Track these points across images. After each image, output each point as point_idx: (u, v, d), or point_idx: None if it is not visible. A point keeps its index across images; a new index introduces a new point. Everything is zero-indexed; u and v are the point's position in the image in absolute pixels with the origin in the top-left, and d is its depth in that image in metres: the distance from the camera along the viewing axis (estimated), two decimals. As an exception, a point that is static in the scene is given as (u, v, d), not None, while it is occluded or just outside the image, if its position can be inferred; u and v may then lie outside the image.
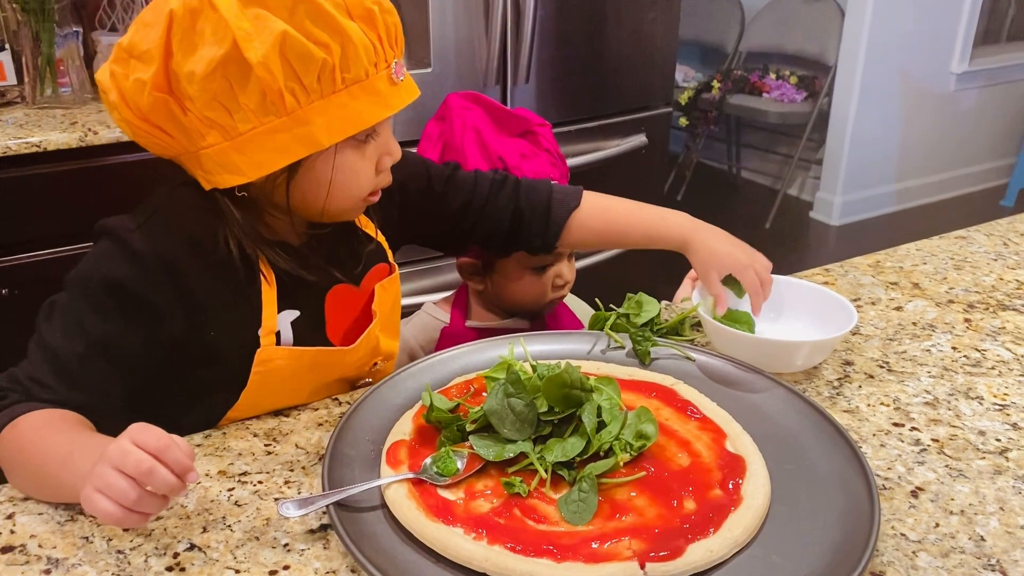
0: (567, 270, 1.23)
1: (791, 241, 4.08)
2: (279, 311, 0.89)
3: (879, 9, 3.83)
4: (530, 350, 0.94)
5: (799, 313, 1.03)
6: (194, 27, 0.77)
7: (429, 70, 1.94)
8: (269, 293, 0.88)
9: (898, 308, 1.12)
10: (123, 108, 0.82)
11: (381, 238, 1.04)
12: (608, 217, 1.12)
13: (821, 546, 0.69)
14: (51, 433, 0.77)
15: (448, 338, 1.23)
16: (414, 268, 2.08)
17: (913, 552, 0.69)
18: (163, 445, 0.65)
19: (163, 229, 0.85)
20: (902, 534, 0.71)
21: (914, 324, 1.07)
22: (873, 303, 1.13)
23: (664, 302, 1.10)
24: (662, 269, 2.87)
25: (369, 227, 1.02)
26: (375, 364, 1.03)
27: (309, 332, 0.93)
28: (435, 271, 2.10)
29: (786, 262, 3.83)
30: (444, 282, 2.12)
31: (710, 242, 1.05)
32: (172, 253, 0.84)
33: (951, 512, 0.74)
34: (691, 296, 1.05)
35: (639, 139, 2.29)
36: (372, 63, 0.81)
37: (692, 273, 1.16)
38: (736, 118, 4.51)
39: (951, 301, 1.13)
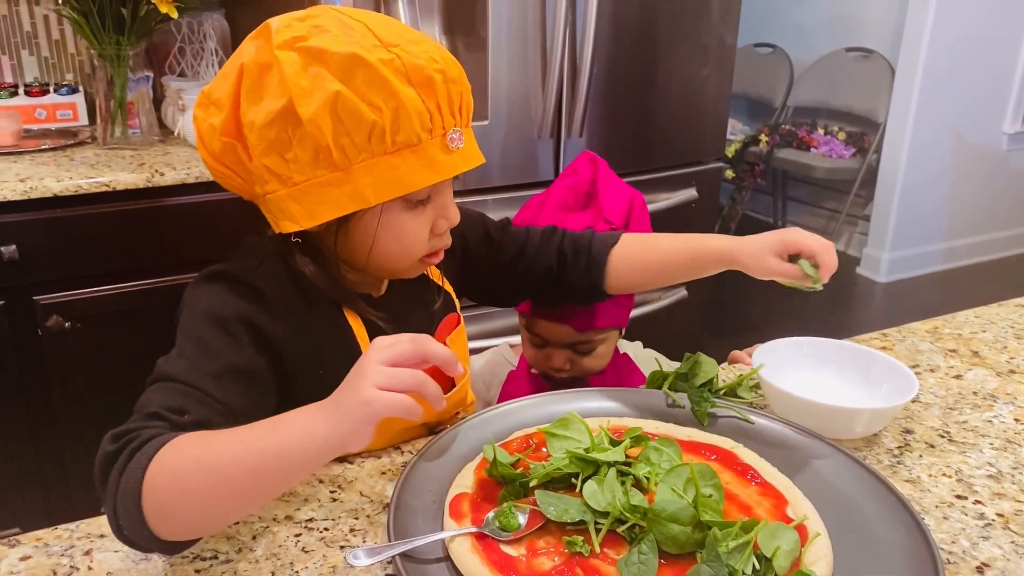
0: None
1: (838, 297, 4.04)
2: None
3: (930, 68, 3.84)
4: (592, 406, 0.95)
5: (858, 379, 1.03)
6: (261, 80, 0.83)
7: (487, 122, 1.98)
8: (360, 332, 0.93)
9: (958, 376, 1.11)
10: (202, 148, 0.88)
11: (449, 288, 1.07)
12: (648, 245, 1.13)
13: (886, 620, 0.69)
14: (227, 434, 0.72)
15: (513, 382, 1.25)
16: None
17: (980, 631, 0.69)
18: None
19: (276, 272, 0.90)
20: (968, 611, 0.71)
21: (975, 394, 1.07)
22: (932, 370, 1.13)
23: (722, 364, 1.11)
24: (707, 323, 2.87)
25: (436, 277, 1.06)
26: (458, 413, 1.04)
27: None
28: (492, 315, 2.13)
29: (834, 318, 3.79)
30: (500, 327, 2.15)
31: (755, 240, 1.03)
32: (287, 293, 0.89)
33: (1018, 591, 0.73)
34: (749, 360, 1.05)
35: (689, 193, 2.30)
36: (426, 129, 0.84)
37: (743, 352, 1.19)
38: (783, 172, 4.52)
39: (1012, 371, 1.12)
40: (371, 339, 0.92)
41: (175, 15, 1.93)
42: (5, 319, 1.83)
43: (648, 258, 1.12)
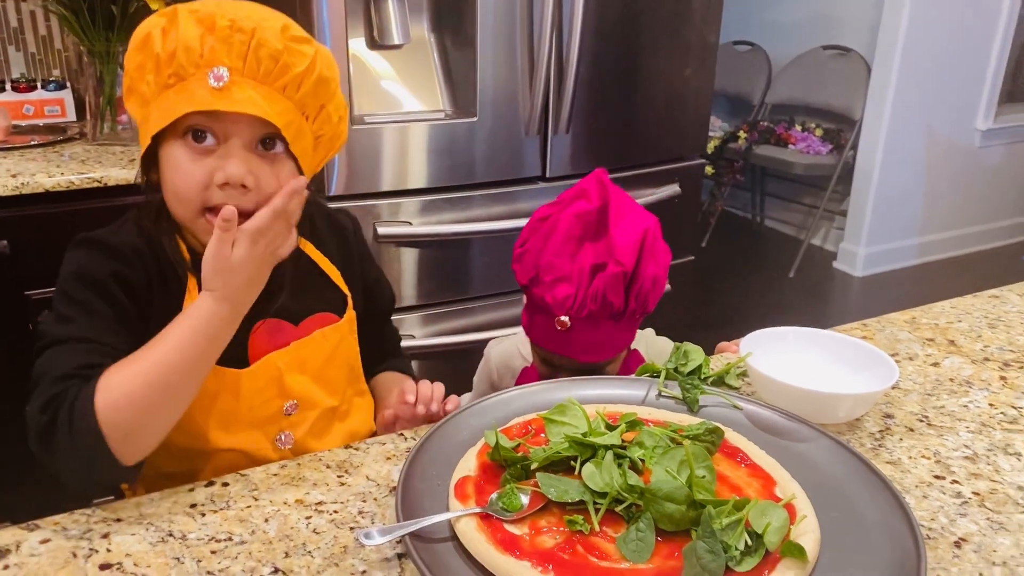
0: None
1: (816, 291, 4.11)
2: None
3: (905, 66, 3.91)
4: (588, 394, 0.99)
5: (840, 366, 1.07)
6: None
7: (475, 119, 2.01)
8: (193, 285, 0.99)
9: (935, 364, 1.16)
10: None
11: (346, 290, 1.12)
12: None
13: (870, 591, 0.73)
14: (144, 353, 0.88)
15: (526, 377, 1.27)
16: (454, 308, 2.14)
17: (958, 600, 0.73)
18: None
19: (125, 229, 1.00)
20: (947, 582, 0.75)
21: (951, 380, 1.11)
22: (911, 358, 1.17)
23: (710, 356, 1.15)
24: (691, 316, 2.92)
25: (335, 275, 1.11)
26: (287, 408, 1.04)
27: (229, 358, 0.96)
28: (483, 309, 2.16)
29: (812, 311, 3.86)
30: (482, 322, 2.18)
31: None
32: (135, 243, 0.98)
33: (994, 563, 0.77)
34: (736, 350, 1.09)
35: (672, 189, 2.35)
36: (194, 64, 0.91)
37: (730, 343, 1.22)
38: (761, 168, 4.58)
39: (986, 359, 1.17)
40: None
41: (165, 12, 1.94)
42: (-4, 314, 1.84)
43: None
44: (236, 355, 0.98)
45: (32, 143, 2.04)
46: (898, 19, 3.84)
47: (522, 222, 2.08)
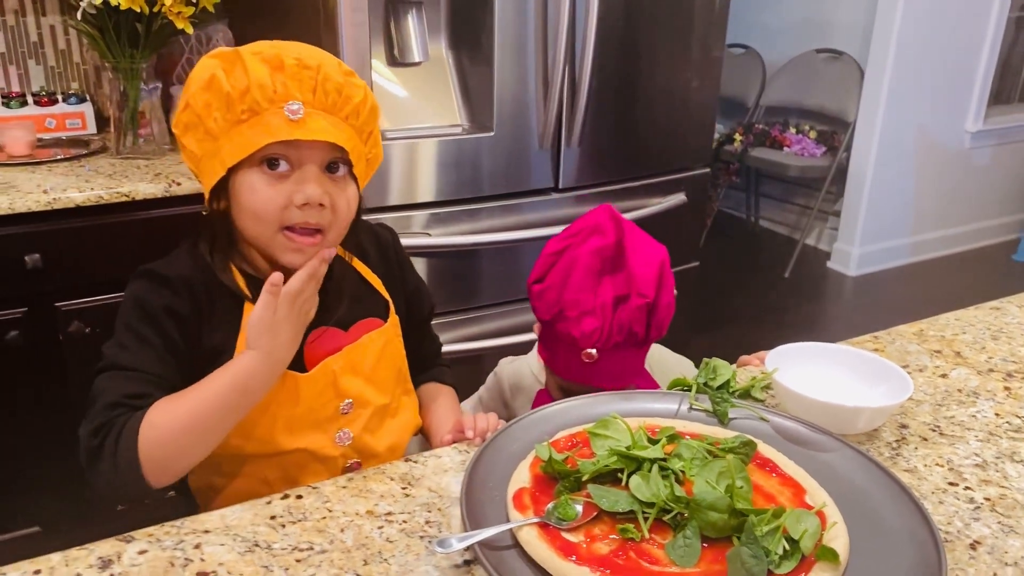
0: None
1: (810, 291, 4.20)
2: None
3: (898, 69, 4.00)
4: (624, 408, 1.06)
5: (856, 379, 1.15)
6: (186, 82, 1.05)
7: (492, 133, 2.08)
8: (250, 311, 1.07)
9: (943, 376, 1.24)
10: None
11: (388, 296, 1.20)
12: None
13: (898, 591, 0.80)
14: (188, 395, 0.99)
15: (542, 398, 1.33)
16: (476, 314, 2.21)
17: (976, 598, 0.81)
18: None
19: (179, 261, 1.09)
20: (965, 582, 0.83)
21: (959, 391, 1.19)
22: (920, 370, 1.25)
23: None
24: (688, 318, 3.00)
25: (377, 283, 1.20)
26: (343, 407, 1.13)
27: (289, 364, 1.07)
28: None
29: (807, 310, 3.95)
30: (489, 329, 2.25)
31: None
32: (187, 274, 1.07)
33: (1006, 564, 0.85)
34: (760, 363, 1.17)
35: (679, 198, 2.43)
36: (268, 99, 1.00)
37: (750, 356, 1.29)
38: (756, 170, 4.66)
39: (991, 370, 1.25)
40: None
41: (190, 31, 2.00)
42: (28, 325, 1.89)
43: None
44: (294, 361, 1.07)
45: (57, 157, 2.09)
46: (891, 23, 3.93)
47: (534, 232, 2.18)
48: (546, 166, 2.21)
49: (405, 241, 2.13)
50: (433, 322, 1.38)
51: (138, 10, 1.92)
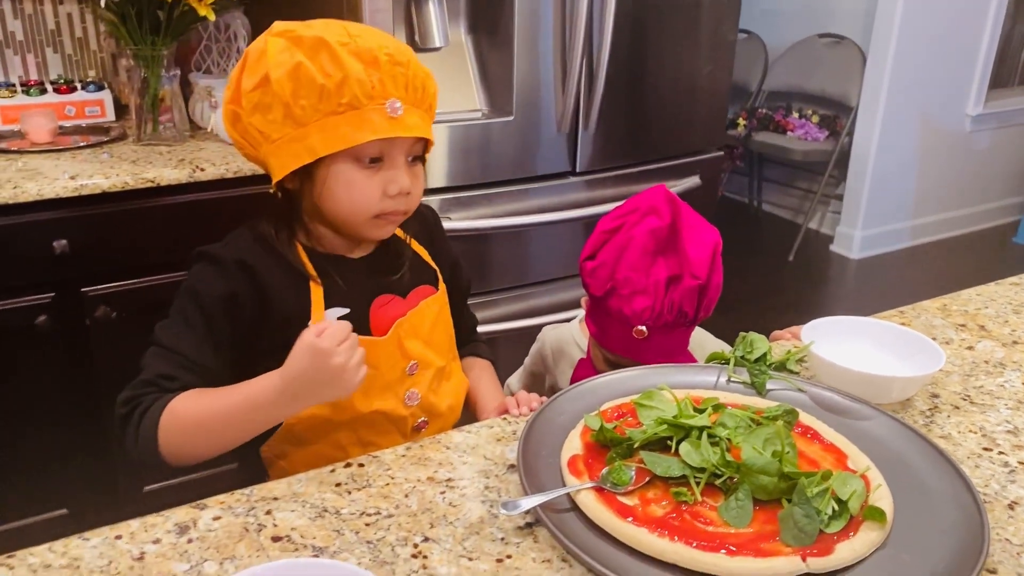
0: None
1: (814, 274, 4.24)
2: (329, 307, 1.11)
3: (899, 53, 4.03)
4: (666, 380, 1.09)
5: (887, 352, 1.18)
6: (255, 60, 1.05)
7: (511, 118, 2.11)
8: (317, 291, 1.11)
9: (970, 348, 1.27)
10: (225, 122, 1.10)
11: (435, 266, 1.26)
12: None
13: (942, 548, 0.84)
14: (210, 396, 1.03)
15: (583, 368, 1.37)
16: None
17: (1017, 553, 0.84)
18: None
19: (239, 242, 1.12)
20: (1006, 539, 0.86)
21: (986, 362, 1.23)
22: (947, 343, 1.29)
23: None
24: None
25: (425, 255, 1.25)
26: (409, 368, 1.17)
27: (355, 330, 1.08)
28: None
29: (811, 293, 3.99)
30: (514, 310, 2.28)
31: None
32: (247, 256, 1.09)
33: (1044, 522, 0.89)
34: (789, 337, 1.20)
35: (693, 181, 2.46)
36: (367, 95, 1.03)
37: (783, 331, 1.33)
38: (759, 154, 4.69)
39: (1015, 342, 1.29)
40: (336, 297, 1.13)
41: (212, 17, 2.02)
42: (55, 311, 1.92)
43: None
44: (360, 327, 1.10)
45: (80, 144, 2.10)
46: (893, 8, 3.96)
47: (551, 216, 2.20)
48: (563, 150, 2.24)
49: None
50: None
51: (160, -3, 1.94)
